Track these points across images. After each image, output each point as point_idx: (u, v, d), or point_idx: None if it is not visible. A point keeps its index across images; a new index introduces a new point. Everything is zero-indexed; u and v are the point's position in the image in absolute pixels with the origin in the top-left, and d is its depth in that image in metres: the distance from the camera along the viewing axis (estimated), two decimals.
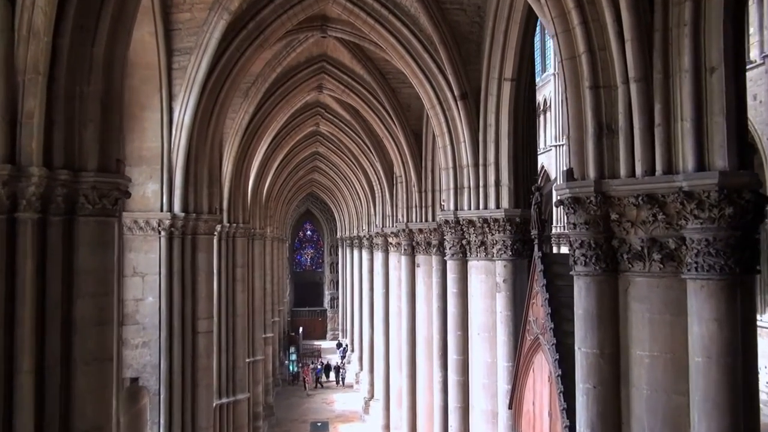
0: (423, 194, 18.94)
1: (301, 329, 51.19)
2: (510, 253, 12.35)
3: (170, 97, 12.02)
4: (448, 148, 13.30)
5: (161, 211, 11.96)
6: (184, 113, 12.02)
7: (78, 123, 6.09)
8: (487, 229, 12.67)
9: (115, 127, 6.35)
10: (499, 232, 12.46)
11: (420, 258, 19.36)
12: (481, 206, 12.76)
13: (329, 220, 58.85)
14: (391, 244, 25.61)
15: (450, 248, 13.41)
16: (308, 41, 17.28)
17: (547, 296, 9.67)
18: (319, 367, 42.22)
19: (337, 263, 56.89)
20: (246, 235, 19.75)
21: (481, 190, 12.78)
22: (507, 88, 12.25)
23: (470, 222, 12.88)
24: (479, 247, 12.84)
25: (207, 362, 12.60)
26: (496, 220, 12.45)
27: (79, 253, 6.06)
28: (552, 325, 9.44)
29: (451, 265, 13.49)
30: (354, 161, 29.77)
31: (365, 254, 35.47)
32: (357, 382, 38.69)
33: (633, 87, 6.45)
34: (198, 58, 11.88)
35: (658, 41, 6.34)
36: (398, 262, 24.89)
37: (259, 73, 17.73)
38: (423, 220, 18.89)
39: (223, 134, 18.20)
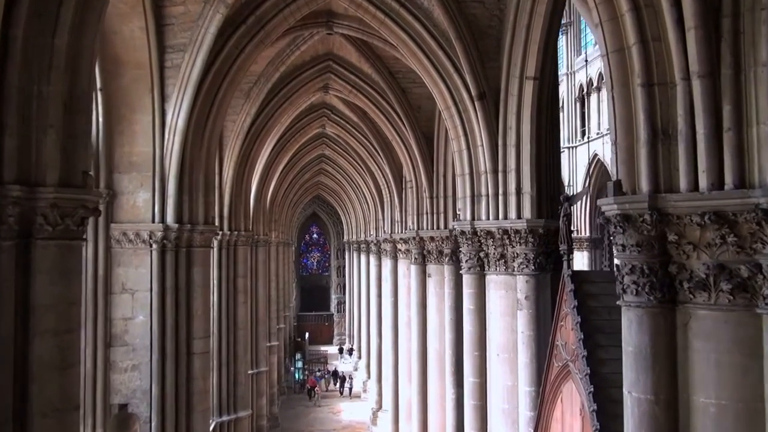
0: (434, 200, 17.93)
1: (307, 335, 50.19)
2: (533, 267, 11.31)
3: (162, 98, 11.07)
4: (464, 152, 12.27)
5: (153, 221, 11.01)
6: (177, 115, 11.06)
7: (35, 129, 5.11)
8: (507, 241, 11.63)
9: (82, 132, 5.36)
10: (520, 245, 11.42)
11: (431, 267, 18.35)
12: (500, 216, 11.72)
13: (336, 223, 57.91)
14: (400, 250, 24.61)
15: (466, 261, 12.37)
16: (313, 38, 16.30)
17: (579, 320, 8.65)
18: (325, 375, 41.31)
19: (344, 267, 55.99)
20: (248, 243, 18.78)
21: (500, 198, 11.74)
22: (529, 87, 11.21)
23: (489, 233, 11.85)
24: (498, 260, 11.81)
25: (203, 385, 11.62)
26: (517, 232, 11.41)
27: (37, 284, 5.08)
28: (585, 353, 8.41)
29: (468, 280, 12.44)
30: (361, 164, 28.82)
31: (373, 260, 34.48)
32: (365, 391, 37.70)
33: (696, 84, 5.41)
34: (192, 56, 10.91)
35: (728, 29, 5.30)
36: (407, 270, 23.89)
37: (262, 73, 16.78)
38: (434, 227, 17.90)
39: (223, 137, 17.29)
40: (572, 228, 10.23)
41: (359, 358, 44.34)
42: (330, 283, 61.30)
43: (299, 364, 42.45)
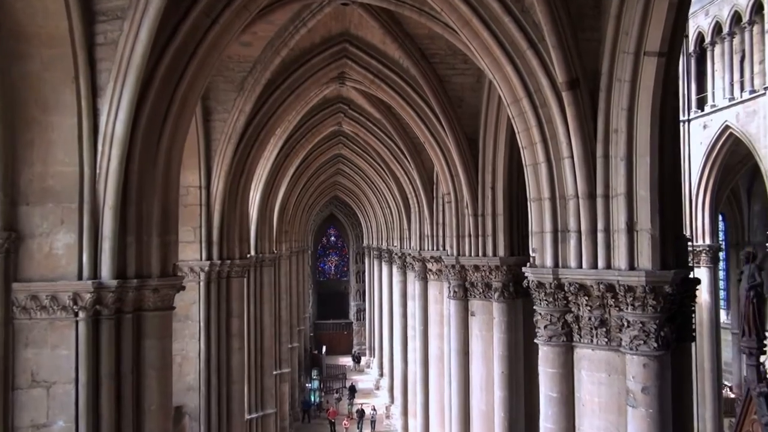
0: (479, 219, 14.09)
1: (324, 348, 46.49)
2: (654, 344, 7.42)
3: (93, 91, 7.34)
4: (542, 167, 8.37)
5: (79, 278, 7.30)
6: (115, 116, 7.33)
7: None
8: (611, 302, 7.75)
9: None
10: (633, 308, 7.53)
11: (475, 304, 14.53)
12: (600, 263, 7.82)
13: (355, 225, 54.10)
14: (431, 271, 20.78)
15: (545, 327, 8.43)
16: (323, 12, 12.44)
17: None
18: (342, 395, 37.70)
19: (364, 272, 52.20)
20: (243, 274, 15.02)
21: (600, 236, 7.84)
22: (650, 68, 7.29)
23: (581, 288, 7.96)
24: (597, 328, 7.92)
25: None
26: (630, 289, 7.51)
27: None
28: None
29: (548, 354, 8.48)
30: (384, 167, 25.03)
31: (397, 273, 30.59)
32: (388, 417, 33.98)
33: None
34: (135, 26, 7.15)
35: None
36: (439, 295, 20.16)
37: (258, 59, 13.01)
38: (480, 254, 14.08)
39: (211, 141, 13.57)
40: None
41: (381, 375, 40.59)
42: (349, 289, 57.50)
43: (315, 384, 38.60)
